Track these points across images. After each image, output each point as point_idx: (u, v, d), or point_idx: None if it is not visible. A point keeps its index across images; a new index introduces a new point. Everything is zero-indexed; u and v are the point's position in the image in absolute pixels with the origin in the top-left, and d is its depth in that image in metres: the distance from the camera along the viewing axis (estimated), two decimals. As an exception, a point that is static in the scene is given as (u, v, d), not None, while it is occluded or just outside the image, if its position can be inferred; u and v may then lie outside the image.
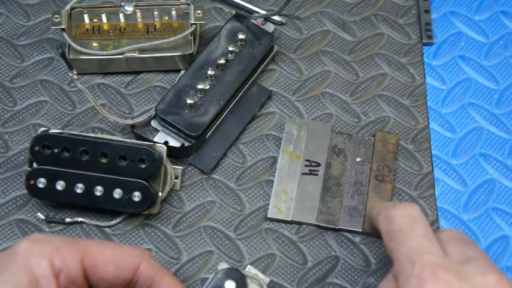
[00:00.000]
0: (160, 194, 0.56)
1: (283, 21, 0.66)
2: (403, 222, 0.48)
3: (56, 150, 0.55)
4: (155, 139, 0.60)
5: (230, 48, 0.61)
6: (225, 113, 0.61)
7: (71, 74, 0.61)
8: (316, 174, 0.59)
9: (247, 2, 0.67)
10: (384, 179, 0.58)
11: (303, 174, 0.59)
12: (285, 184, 0.58)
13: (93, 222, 0.57)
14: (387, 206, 0.50)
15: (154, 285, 0.47)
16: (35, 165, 0.56)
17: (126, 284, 0.47)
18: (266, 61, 0.63)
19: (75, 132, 0.56)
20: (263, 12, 0.66)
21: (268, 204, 0.58)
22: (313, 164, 0.59)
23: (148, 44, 0.61)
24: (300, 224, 0.57)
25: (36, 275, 0.43)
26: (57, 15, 0.61)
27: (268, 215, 0.57)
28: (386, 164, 0.59)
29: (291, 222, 0.57)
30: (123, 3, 0.64)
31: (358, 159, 0.59)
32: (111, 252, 0.46)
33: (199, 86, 0.59)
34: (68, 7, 0.62)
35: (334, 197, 0.58)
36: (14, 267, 0.43)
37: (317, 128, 0.60)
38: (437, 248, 0.46)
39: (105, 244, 0.47)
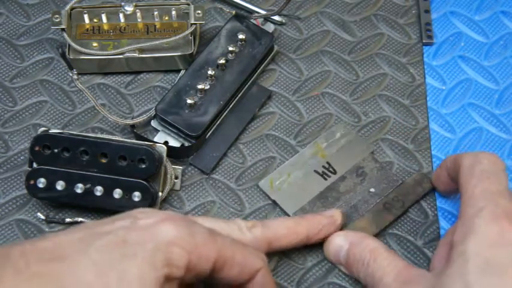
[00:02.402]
0: (160, 194, 0.56)
1: (283, 21, 0.66)
2: (490, 165, 0.49)
3: (56, 150, 0.55)
4: (155, 139, 0.60)
5: (230, 48, 0.61)
6: (225, 113, 0.61)
7: (71, 74, 0.61)
8: (326, 179, 0.58)
9: (247, 2, 0.67)
10: (391, 210, 0.57)
11: (314, 171, 0.59)
12: (294, 169, 0.58)
13: (93, 222, 0.57)
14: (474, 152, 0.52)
15: None
16: (35, 165, 0.56)
17: (238, 285, 0.47)
18: (266, 61, 0.63)
19: (75, 132, 0.56)
20: (263, 12, 0.66)
21: (268, 204, 0.58)
22: (331, 169, 0.58)
23: (148, 44, 0.61)
24: (278, 207, 0.57)
25: (173, 262, 0.43)
26: (57, 15, 0.61)
27: (259, 184, 0.58)
28: (403, 200, 0.57)
29: (272, 200, 0.58)
30: (123, 3, 0.64)
31: (371, 190, 0.58)
32: (240, 256, 0.46)
33: (199, 86, 0.59)
34: (68, 7, 0.62)
35: (324, 206, 0.57)
36: (151, 246, 0.43)
37: (360, 144, 0.60)
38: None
39: (235, 245, 0.47)
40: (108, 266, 0.42)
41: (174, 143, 0.59)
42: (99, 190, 0.55)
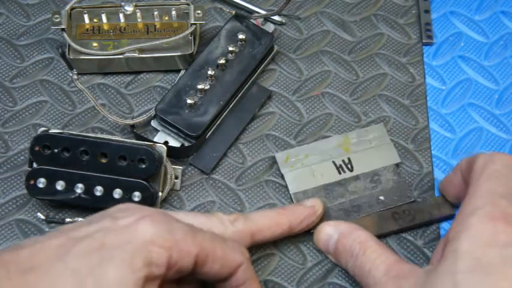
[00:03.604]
0: (160, 194, 0.56)
1: (283, 21, 0.66)
2: (502, 167, 0.48)
3: (56, 150, 0.55)
4: (155, 139, 0.60)
5: (230, 48, 0.61)
6: (225, 113, 0.61)
7: (71, 74, 0.61)
8: (340, 173, 0.58)
9: (247, 2, 0.67)
10: (397, 220, 0.56)
11: (332, 162, 0.59)
12: (313, 152, 0.59)
13: (93, 222, 0.57)
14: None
15: None
16: (35, 165, 0.56)
17: (220, 279, 0.47)
18: (266, 61, 0.63)
19: (75, 132, 0.56)
20: (263, 12, 0.66)
21: (268, 204, 0.58)
22: (349, 166, 0.58)
23: (148, 44, 0.61)
24: (284, 182, 0.58)
25: (152, 262, 0.43)
26: (57, 15, 0.61)
27: (276, 154, 0.59)
28: (414, 215, 0.56)
29: (280, 175, 0.58)
30: (123, 3, 0.64)
31: (381, 198, 0.57)
32: (221, 251, 0.46)
33: (199, 86, 0.59)
34: (68, 7, 0.62)
35: (326, 198, 0.57)
36: (130, 247, 0.43)
37: (388, 153, 0.59)
38: None
39: (216, 240, 0.47)
40: (87, 272, 0.42)
41: (174, 143, 0.59)
42: (99, 190, 0.55)
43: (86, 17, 0.63)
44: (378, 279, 0.48)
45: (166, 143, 0.59)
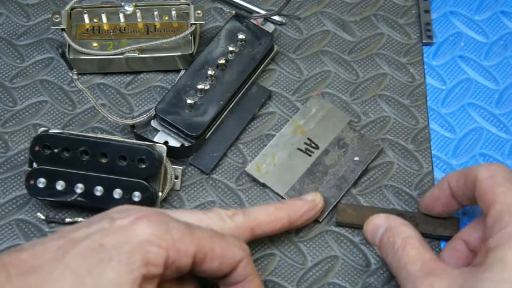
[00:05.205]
0: (160, 194, 0.56)
1: (283, 21, 0.66)
2: (509, 173, 0.48)
3: (56, 150, 0.55)
4: (155, 139, 0.60)
5: (230, 48, 0.61)
6: (225, 113, 0.61)
7: (71, 74, 0.61)
8: (310, 155, 0.59)
9: (247, 2, 0.67)
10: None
11: (297, 149, 0.59)
12: (277, 150, 0.59)
13: (93, 222, 0.57)
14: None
15: (242, 284, 0.48)
16: (35, 165, 0.56)
17: (220, 276, 0.48)
18: (266, 61, 0.63)
19: (75, 132, 0.56)
20: (263, 12, 0.66)
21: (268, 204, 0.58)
22: (313, 145, 0.59)
23: (148, 44, 0.61)
24: (270, 189, 0.58)
25: (150, 261, 0.43)
26: (57, 15, 0.61)
27: (246, 169, 0.58)
28: (418, 224, 0.56)
29: (262, 184, 0.58)
30: (123, 3, 0.64)
31: (356, 158, 0.59)
32: (219, 248, 0.46)
33: (199, 86, 0.59)
34: (68, 7, 0.62)
35: (313, 182, 0.58)
36: (127, 247, 0.43)
37: (336, 115, 0.61)
38: None
39: (215, 238, 0.47)
40: (86, 272, 0.42)
41: (174, 143, 0.59)
42: (99, 190, 0.55)
43: (86, 17, 0.63)
44: (411, 274, 0.48)
45: (166, 143, 0.59)
